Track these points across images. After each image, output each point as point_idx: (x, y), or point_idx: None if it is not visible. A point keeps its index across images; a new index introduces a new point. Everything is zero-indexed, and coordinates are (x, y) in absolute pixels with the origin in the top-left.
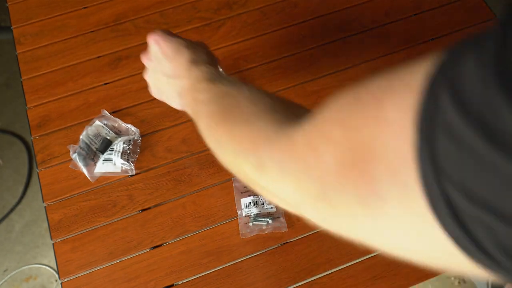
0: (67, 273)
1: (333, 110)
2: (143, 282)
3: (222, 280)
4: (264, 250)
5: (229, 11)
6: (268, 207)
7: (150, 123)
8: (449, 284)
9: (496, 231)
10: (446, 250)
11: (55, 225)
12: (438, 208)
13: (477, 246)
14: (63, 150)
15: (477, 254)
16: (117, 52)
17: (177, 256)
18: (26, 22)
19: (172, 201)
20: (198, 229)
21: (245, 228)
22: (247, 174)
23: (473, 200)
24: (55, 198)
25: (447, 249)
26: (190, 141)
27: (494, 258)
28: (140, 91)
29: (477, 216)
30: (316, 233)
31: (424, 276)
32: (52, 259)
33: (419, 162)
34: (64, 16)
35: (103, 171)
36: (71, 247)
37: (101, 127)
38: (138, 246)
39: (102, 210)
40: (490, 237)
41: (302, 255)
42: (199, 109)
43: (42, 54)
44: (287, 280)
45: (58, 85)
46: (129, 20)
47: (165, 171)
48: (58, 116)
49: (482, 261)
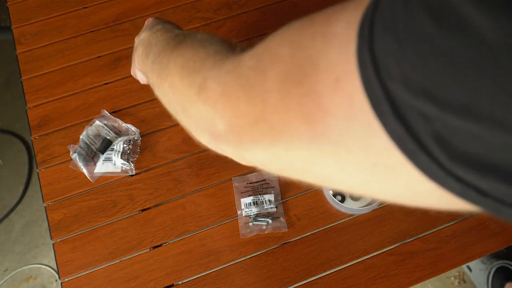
0: (67, 273)
1: (285, 31)
2: (143, 282)
3: (222, 280)
4: (264, 250)
5: (229, 11)
6: (268, 207)
7: (150, 123)
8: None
9: (432, 120)
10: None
11: (55, 225)
12: (380, 107)
13: (416, 141)
14: (63, 150)
15: (416, 153)
16: (117, 52)
17: (177, 256)
18: (26, 22)
19: (172, 201)
20: (198, 229)
21: (245, 228)
22: (188, 96)
23: (412, 90)
24: (55, 198)
25: (391, 157)
26: (190, 141)
27: (432, 154)
28: (140, 91)
29: (415, 107)
30: (316, 233)
31: (424, 276)
32: (52, 259)
33: (360, 66)
34: (64, 16)
35: (103, 171)
36: (71, 247)
37: (101, 127)
38: (138, 246)
39: (102, 210)
40: (426, 128)
41: (302, 255)
42: (150, 50)
43: (42, 54)
44: (287, 280)
45: (58, 85)
46: (129, 20)
47: (165, 171)
48: (58, 116)
49: (421, 161)
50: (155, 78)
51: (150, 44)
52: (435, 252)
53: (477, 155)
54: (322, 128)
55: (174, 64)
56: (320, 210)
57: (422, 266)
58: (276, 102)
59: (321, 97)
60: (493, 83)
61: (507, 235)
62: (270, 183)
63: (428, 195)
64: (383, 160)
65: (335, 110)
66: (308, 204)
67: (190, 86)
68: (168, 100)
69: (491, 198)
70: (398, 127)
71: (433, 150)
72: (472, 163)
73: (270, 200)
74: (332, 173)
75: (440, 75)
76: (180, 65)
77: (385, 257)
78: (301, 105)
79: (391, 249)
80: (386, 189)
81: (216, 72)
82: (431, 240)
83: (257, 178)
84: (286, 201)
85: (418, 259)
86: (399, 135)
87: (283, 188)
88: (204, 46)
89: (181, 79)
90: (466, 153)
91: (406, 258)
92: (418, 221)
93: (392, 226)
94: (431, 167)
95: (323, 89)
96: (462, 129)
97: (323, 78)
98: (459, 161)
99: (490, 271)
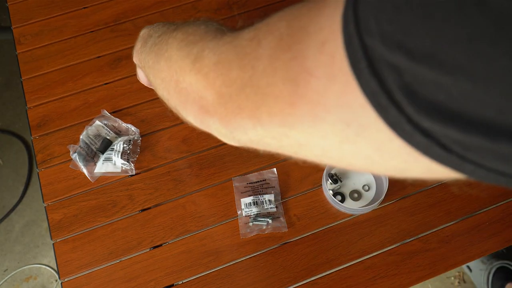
0: (67, 273)
1: (287, 9)
2: (143, 282)
3: (222, 280)
4: (264, 250)
5: (229, 11)
6: (268, 207)
7: (150, 123)
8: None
9: (402, 72)
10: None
11: (55, 225)
12: (357, 64)
13: (388, 97)
14: (63, 150)
15: (387, 108)
16: (117, 52)
17: (177, 256)
18: (26, 22)
19: (172, 201)
20: (198, 229)
21: (245, 228)
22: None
23: (387, 43)
24: (55, 198)
25: (364, 116)
26: (190, 141)
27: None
28: (140, 91)
29: (388, 60)
30: (316, 233)
31: (424, 276)
32: (52, 259)
33: (343, 26)
34: (64, 16)
35: (103, 171)
36: (71, 247)
37: (101, 127)
38: (138, 246)
39: (102, 210)
40: (397, 82)
41: (302, 255)
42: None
43: (42, 54)
44: (287, 280)
45: (58, 85)
46: (129, 20)
47: (165, 171)
48: (58, 116)
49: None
50: (152, 60)
51: (149, 36)
52: (435, 252)
53: (442, 104)
54: (303, 89)
55: (174, 38)
56: (320, 210)
57: (422, 266)
58: (265, 67)
59: (307, 59)
60: (456, 29)
61: (507, 235)
62: (270, 183)
63: (396, 156)
64: (357, 119)
65: (317, 71)
66: (308, 204)
67: (186, 56)
68: (162, 79)
69: (454, 155)
70: (372, 83)
71: (402, 103)
72: (437, 113)
73: (270, 200)
74: (308, 137)
75: (413, 24)
76: (180, 38)
77: (385, 257)
78: (288, 68)
79: (391, 249)
80: (358, 152)
81: (214, 43)
82: (431, 240)
83: (257, 178)
84: (286, 201)
85: (418, 259)
86: (373, 91)
87: (283, 188)
88: (205, 24)
89: (179, 50)
90: (431, 104)
91: (406, 258)
92: (418, 221)
93: (392, 226)
94: (399, 122)
95: (310, 51)
96: (429, 79)
97: (311, 42)
98: (425, 111)
99: (490, 271)
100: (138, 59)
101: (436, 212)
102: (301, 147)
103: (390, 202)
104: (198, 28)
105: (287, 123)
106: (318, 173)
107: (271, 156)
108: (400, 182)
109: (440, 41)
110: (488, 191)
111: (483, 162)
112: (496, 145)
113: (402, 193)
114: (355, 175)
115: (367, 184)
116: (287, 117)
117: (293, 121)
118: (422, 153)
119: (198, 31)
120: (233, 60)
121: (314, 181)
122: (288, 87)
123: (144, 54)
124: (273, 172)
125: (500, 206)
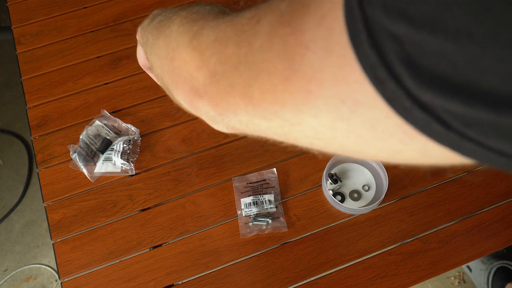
0: (67, 273)
1: None
2: (143, 282)
3: (222, 280)
4: (264, 250)
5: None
6: (268, 207)
7: (150, 123)
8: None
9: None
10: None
11: (55, 225)
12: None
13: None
14: (63, 150)
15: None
16: (117, 52)
17: (177, 256)
18: (26, 22)
19: (172, 201)
20: (198, 229)
21: (245, 228)
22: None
23: (388, 11)
24: (55, 198)
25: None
26: (190, 141)
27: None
28: (140, 91)
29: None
30: (316, 233)
31: (424, 276)
32: (52, 259)
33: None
34: (64, 16)
35: (103, 171)
36: (71, 247)
37: (101, 127)
38: (138, 246)
39: (102, 210)
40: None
41: (302, 255)
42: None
43: (42, 54)
44: (287, 280)
45: (58, 85)
46: (129, 20)
47: (165, 171)
48: (58, 116)
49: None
50: (152, 36)
51: (158, 15)
52: (435, 252)
53: (444, 75)
54: (298, 64)
55: (178, 15)
56: (320, 210)
57: (422, 266)
58: (262, 43)
59: (304, 33)
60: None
61: (507, 235)
62: (270, 183)
63: (392, 135)
64: (353, 95)
65: (314, 44)
66: (308, 204)
67: (185, 33)
68: (159, 56)
69: (454, 132)
70: (371, 55)
71: (402, 76)
72: (438, 85)
73: (270, 200)
74: (300, 116)
75: None
76: (183, 15)
77: (385, 257)
78: (284, 43)
79: (391, 249)
80: (351, 131)
81: (215, 22)
82: (431, 240)
83: (257, 178)
84: (286, 201)
85: (418, 259)
86: (371, 63)
87: (283, 188)
88: (211, 5)
89: (179, 26)
90: (433, 75)
91: (406, 258)
92: (418, 221)
93: (392, 226)
94: (398, 96)
95: (308, 26)
96: (431, 47)
97: (310, 17)
98: (426, 84)
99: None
100: (141, 35)
101: (436, 212)
102: (292, 128)
103: (390, 202)
104: (203, 8)
105: (279, 100)
106: (318, 173)
107: (271, 156)
108: (400, 182)
109: (446, 6)
110: (486, 188)
111: (484, 140)
112: (500, 117)
113: (402, 193)
114: (355, 175)
115: (367, 184)
116: (280, 94)
117: (286, 98)
118: (420, 130)
119: (201, 11)
120: (231, 37)
121: (314, 181)
122: (283, 62)
123: (147, 31)
124: (273, 172)
125: (500, 206)
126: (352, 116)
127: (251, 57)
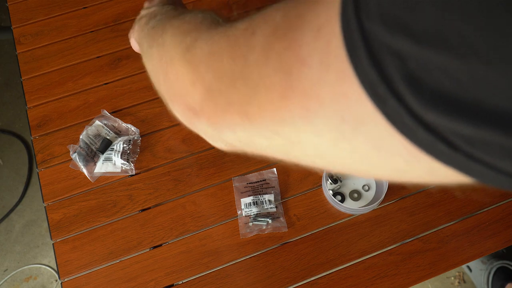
0: (67, 273)
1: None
2: (143, 282)
3: (222, 280)
4: (264, 250)
5: (229, 11)
6: (268, 207)
7: (150, 123)
8: (449, 284)
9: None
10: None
11: (55, 225)
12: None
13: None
14: (63, 150)
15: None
16: (117, 52)
17: (177, 256)
18: (26, 22)
19: (172, 201)
20: (198, 229)
21: (245, 228)
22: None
23: (389, 26)
24: (55, 198)
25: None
26: (190, 141)
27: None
28: (140, 91)
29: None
30: (316, 233)
31: (424, 276)
32: (52, 259)
33: (342, 9)
34: (64, 16)
35: (103, 171)
36: (71, 247)
37: (101, 127)
38: (138, 246)
39: (102, 210)
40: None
41: (302, 255)
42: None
43: (42, 54)
44: (287, 280)
45: (58, 85)
46: (129, 20)
47: (165, 171)
48: (58, 116)
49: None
50: (147, 42)
51: (155, 15)
52: (435, 252)
53: (449, 94)
54: (296, 80)
55: (171, 25)
56: (320, 210)
57: (422, 266)
58: (257, 57)
59: (301, 47)
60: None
61: (507, 235)
62: (270, 183)
63: (397, 155)
64: (354, 112)
65: (311, 59)
66: (308, 204)
67: (179, 44)
68: (153, 66)
69: (460, 153)
70: (370, 71)
71: (404, 93)
72: (443, 104)
73: (270, 200)
74: (300, 134)
75: (418, 3)
76: (176, 25)
77: (385, 257)
78: (281, 58)
79: (391, 249)
80: (354, 150)
81: (208, 34)
82: (431, 240)
83: (257, 178)
84: (286, 201)
85: (418, 259)
86: (370, 80)
87: (283, 188)
88: (203, 13)
89: (172, 37)
90: (437, 93)
91: (406, 258)
92: (418, 221)
93: (392, 226)
94: (400, 114)
95: (304, 39)
96: (435, 63)
97: (306, 29)
98: (430, 103)
99: (490, 271)
100: (138, 35)
101: (436, 212)
102: (293, 146)
103: (390, 202)
104: (195, 17)
105: (278, 118)
106: (318, 173)
107: None
108: None
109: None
110: (488, 192)
111: (492, 161)
112: (508, 137)
113: (402, 193)
114: (355, 175)
115: (367, 184)
116: (278, 111)
117: (285, 115)
118: (425, 151)
119: (194, 20)
120: (225, 51)
121: (314, 181)
122: (280, 78)
123: (143, 33)
124: (273, 172)
125: (500, 206)
126: (354, 136)
127: (247, 73)
